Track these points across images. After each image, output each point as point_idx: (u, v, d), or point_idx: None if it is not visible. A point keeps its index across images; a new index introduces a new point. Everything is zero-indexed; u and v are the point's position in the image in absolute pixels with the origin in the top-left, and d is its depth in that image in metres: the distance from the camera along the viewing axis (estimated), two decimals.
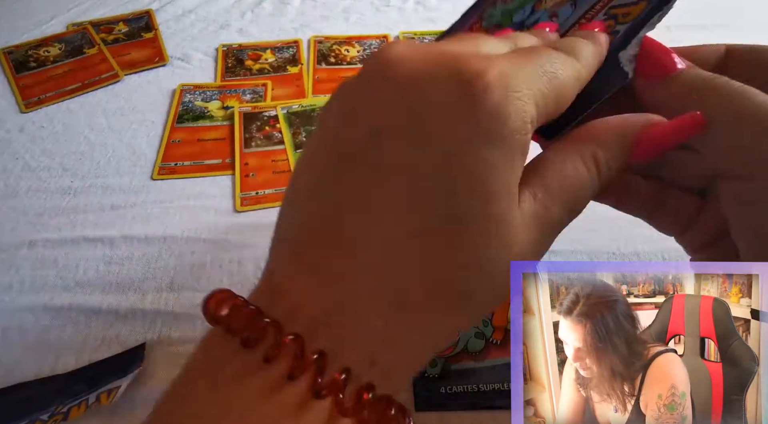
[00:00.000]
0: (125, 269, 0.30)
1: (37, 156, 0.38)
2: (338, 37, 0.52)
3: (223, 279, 0.30)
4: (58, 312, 0.28)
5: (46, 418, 0.23)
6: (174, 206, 0.34)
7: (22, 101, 0.43)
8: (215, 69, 0.47)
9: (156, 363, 0.26)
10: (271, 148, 0.39)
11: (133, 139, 0.40)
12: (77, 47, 0.49)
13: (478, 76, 0.13)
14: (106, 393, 0.24)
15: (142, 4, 0.56)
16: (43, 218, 0.33)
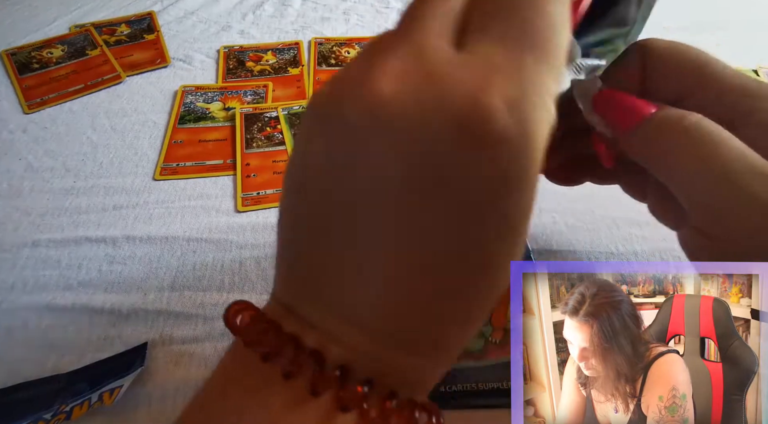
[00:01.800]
0: (127, 269, 0.30)
1: (40, 157, 0.38)
2: (338, 39, 0.52)
3: (224, 279, 0.30)
4: (61, 312, 0.28)
5: (49, 417, 0.23)
6: (176, 206, 0.35)
7: (25, 102, 0.43)
8: (216, 70, 0.48)
9: (158, 363, 0.26)
10: (272, 149, 0.39)
11: (135, 140, 0.40)
12: (80, 49, 0.49)
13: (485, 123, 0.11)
14: (109, 392, 0.24)
15: (144, 6, 0.56)
16: (46, 218, 0.34)
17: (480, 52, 0.12)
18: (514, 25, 0.12)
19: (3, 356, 0.26)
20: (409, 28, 0.12)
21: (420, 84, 0.11)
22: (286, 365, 0.12)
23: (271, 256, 0.31)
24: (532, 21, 0.12)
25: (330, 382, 0.12)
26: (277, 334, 0.13)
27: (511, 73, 0.11)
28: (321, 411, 0.12)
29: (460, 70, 0.11)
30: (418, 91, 0.11)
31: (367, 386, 0.12)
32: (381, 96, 0.11)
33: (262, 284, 0.30)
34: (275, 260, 0.15)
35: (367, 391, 0.12)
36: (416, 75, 0.11)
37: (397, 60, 0.11)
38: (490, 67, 0.11)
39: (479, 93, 0.11)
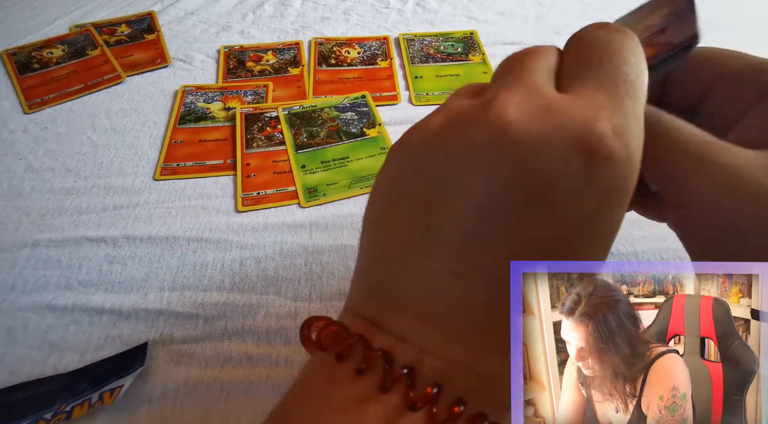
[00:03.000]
0: (128, 269, 0.30)
1: (41, 157, 0.38)
2: (339, 39, 0.52)
3: (224, 279, 0.30)
4: (61, 312, 0.28)
5: (49, 417, 0.23)
6: (176, 206, 0.35)
7: (26, 102, 0.43)
8: (217, 70, 0.48)
9: (158, 362, 0.26)
10: (272, 148, 0.39)
11: (135, 140, 0.40)
12: (80, 49, 0.49)
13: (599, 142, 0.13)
14: (109, 392, 0.24)
15: (144, 6, 0.56)
16: (46, 218, 0.34)
17: (584, 93, 0.14)
18: (609, 72, 0.15)
19: (3, 356, 0.26)
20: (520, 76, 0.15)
21: (540, 113, 0.13)
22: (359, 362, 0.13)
23: (271, 255, 0.31)
24: (622, 69, 0.15)
25: (398, 380, 0.13)
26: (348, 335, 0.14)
27: (614, 108, 0.14)
28: (390, 408, 0.13)
29: (573, 105, 0.14)
30: (540, 117, 0.13)
31: (437, 388, 0.13)
32: (509, 120, 0.13)
33: (262, 284, 0.30)
34: (354, 274, 0.17)
35: (436, 392, 0.13)
36: (536, 106, 0.14)
37: (516, 96, 0.14)
38: (596, 104, 0.14)
39: (592, 121, 0.13)
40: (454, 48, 0.51)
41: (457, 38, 0.52)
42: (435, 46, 0.51)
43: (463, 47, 0.51)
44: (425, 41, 0.51)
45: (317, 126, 0.41)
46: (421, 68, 0.48)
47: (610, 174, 0.13)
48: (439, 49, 0.50)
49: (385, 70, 0.48)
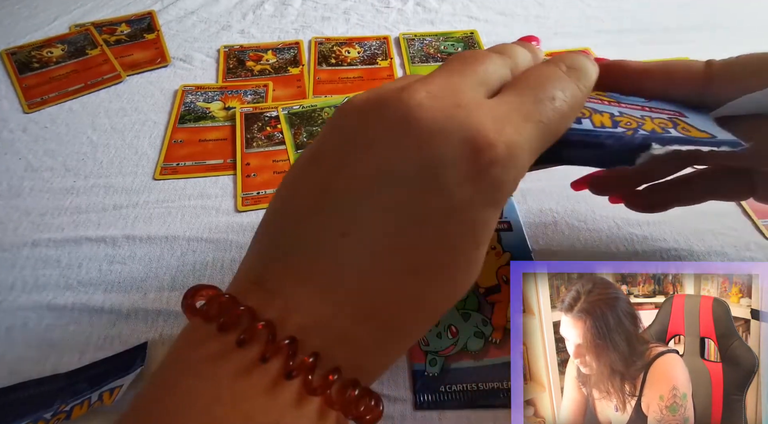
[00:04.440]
0: (127, 269, 0.30)
1: (40, 156, 0.38)
2: (339, 38, 0.52)
3: (224, 279, 0.30)
4: (61, 311, 0.28)
5: (49, 417, 0.23)
6: (176, 206, 0.35)
7: (25, 102, 0.43)
8: (217, 70, 0.48)
9: (158, 362, 0.26)
10: (272, 148, 0.39)
11: (135, 140, 0.40)
12: (80, 48, 0.49)
13: (489, 147, 0.14)
14: (109, 392, 0.24)
15: (144, 6, 0.56)
16: (46, 218, 0.34)
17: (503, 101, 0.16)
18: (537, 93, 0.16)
19: (3, 355, 0.26)
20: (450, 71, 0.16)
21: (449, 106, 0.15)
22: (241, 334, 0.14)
23: None
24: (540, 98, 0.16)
25: (280, 350, 0.14)
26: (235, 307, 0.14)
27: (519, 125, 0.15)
28: (268, 378, 0.13)
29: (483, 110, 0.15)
30: (447, 109, 0.15)
31: (314, 358, 0.14)
32: (417, 103, 0.15)
33: None
34: (254, 236, 0.17)
35: (312, 361, 0.14)
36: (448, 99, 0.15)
37: (434, 86, 0.15)
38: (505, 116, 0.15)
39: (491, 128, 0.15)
40: (455, 48, 0.51)
41: (457, 38, 0.52)
42: (435, 45, 0.51)
43: (463, 47, 0.51)
44: (425, 41, 0.51)
45: (317, 126, 0.41)
46: (422, 68, 0.48)
47: (488, 177, 0.14)
48: (439, 48, 0.50)
49: (386, 69, 0.48)
